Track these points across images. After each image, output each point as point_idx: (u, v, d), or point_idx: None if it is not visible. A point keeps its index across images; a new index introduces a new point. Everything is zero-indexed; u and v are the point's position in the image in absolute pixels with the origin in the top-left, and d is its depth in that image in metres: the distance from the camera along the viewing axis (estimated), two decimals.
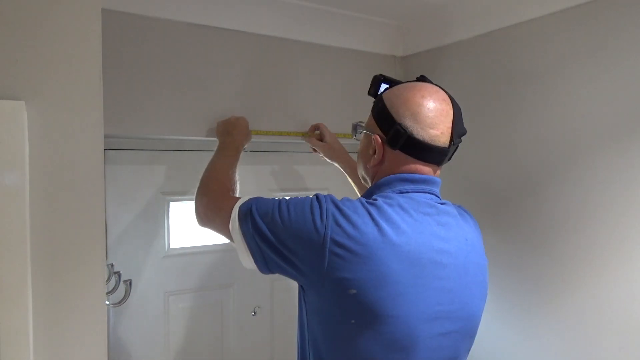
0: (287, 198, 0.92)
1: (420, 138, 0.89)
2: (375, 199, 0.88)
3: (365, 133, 1.00)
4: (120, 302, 1.38)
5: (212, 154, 1.25)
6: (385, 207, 0.85)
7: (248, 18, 1.49)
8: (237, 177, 1.18)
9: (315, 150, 1.55)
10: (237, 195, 1.11)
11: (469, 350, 0.95)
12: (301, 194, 1.77)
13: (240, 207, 0.93)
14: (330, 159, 1.50)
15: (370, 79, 1.10)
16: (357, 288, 0.80)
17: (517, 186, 1.43)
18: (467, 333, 0.91)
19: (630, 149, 1.16)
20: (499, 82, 1.48)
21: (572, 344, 1.29)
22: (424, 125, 0.89)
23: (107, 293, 1.35)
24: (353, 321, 0.82)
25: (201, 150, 1.57)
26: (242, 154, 1.33)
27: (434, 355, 0.86)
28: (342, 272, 0.81)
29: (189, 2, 1.39)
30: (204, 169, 1.18)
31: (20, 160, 0.79)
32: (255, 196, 0.97)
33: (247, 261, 0.93)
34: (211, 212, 1.03)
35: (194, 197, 1.11)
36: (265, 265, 0.90)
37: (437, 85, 0.96)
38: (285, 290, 1.73)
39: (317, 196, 0.89)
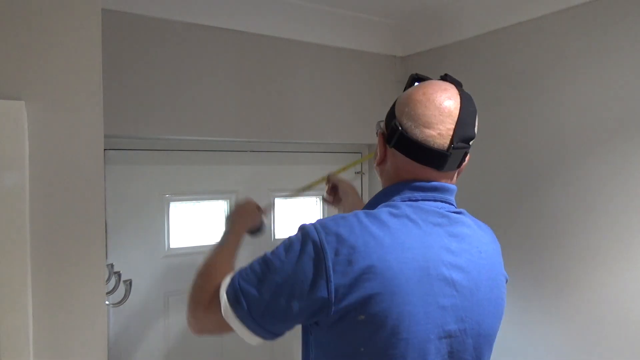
0: (268, 255, 0.81)
1: (413, 137, 0.83)
2: (380, 210, 0.82)
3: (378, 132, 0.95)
4: (120, 302, 1.38)
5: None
6: (391, 219, 0.80)
7: (248, 18, 1.49)
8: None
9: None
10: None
11: None
12: (301, 194, 1.76)
13: (227, 292, 0.81)
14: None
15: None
16: (365, 313, 0.75)
17: (517, 186, 1.43)
18: (478, 353, 0.84)
19: (630, 147, 1.16)
20: (498, 82, 1.48)
21: (578, 341, 1.29)
22: (419, 124, 0.83)
23: (107, 293, 1.35)
24: (362, 349, 0.77)
25: (201, 150, 1.57)
26: (244, 154, 1.30)
27: None
28: (348, 299, 0.75)
29: (189, 2, 1.39)
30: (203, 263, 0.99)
31: (20, 160, 0.79)
32: (232, 272, 0.84)
33: (253, 340, 0.84)
34: (201, 316, 0.87)
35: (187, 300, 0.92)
36: (272, 335, 0.83)
37: (454, 83, 0.89)
38: None
39: (303, 237, 0.78)
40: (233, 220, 1.15)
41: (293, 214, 1.81)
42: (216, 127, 1.46)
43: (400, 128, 0.84)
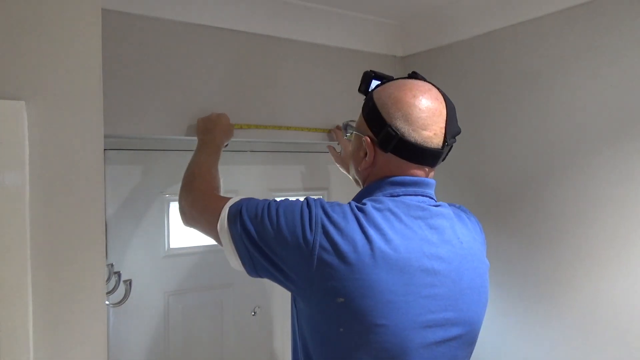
0: (278, 200, 0.90)
1: (412, 140, 0.86)
2: (365, 204, 0.86)
3: (355, 134, 0.97)
4: (120, 302, 1.38)
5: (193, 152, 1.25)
6: (374, 212, 0.83)
7: (249, 18, 1.49)
8: (220, 175, 1.17)
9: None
10: (222, 194, 1.09)
11: (469, 358, 0.92)
12: (302, 194, 1.77)
13: (230, 208, 0.91)
14: (345, 171, 1.47)
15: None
16: (345, 296, 0.78)
17: (517, 186, 1.43)
18: (464, 341, 0.87)
19: (630, 148, 1.16)
20: (498, 82, 1.48)
21: (571, 342, 1.29)
22: (416, 127, 0.86)
23: (107, 293, 1.35)
24: (341, 329, 0.80)
25: None
26: (244, 154, 1.33)
27: None
28: (329, 280, 0.79)
29: (190, 2, 1.39)
30: (186, 167, 1.19)
31: (20, 160, 0.79)
32: (245, 197, 0.95)
33: (235, 263, 0.91)
34: (198, 211, 1.01)
35: (178, 195, 1.10)
36: (254, 268, 0.89)
37: (429, 82, 0.93)
38: (285, 291, 1.71)
39: (307, 201, 0.87)
40: (214, 133, 1.29)
41: None
42: None
43: (396, 133, 0.86)
